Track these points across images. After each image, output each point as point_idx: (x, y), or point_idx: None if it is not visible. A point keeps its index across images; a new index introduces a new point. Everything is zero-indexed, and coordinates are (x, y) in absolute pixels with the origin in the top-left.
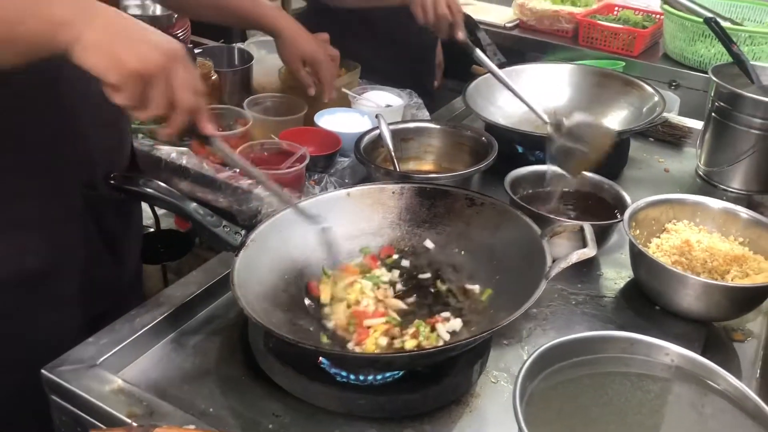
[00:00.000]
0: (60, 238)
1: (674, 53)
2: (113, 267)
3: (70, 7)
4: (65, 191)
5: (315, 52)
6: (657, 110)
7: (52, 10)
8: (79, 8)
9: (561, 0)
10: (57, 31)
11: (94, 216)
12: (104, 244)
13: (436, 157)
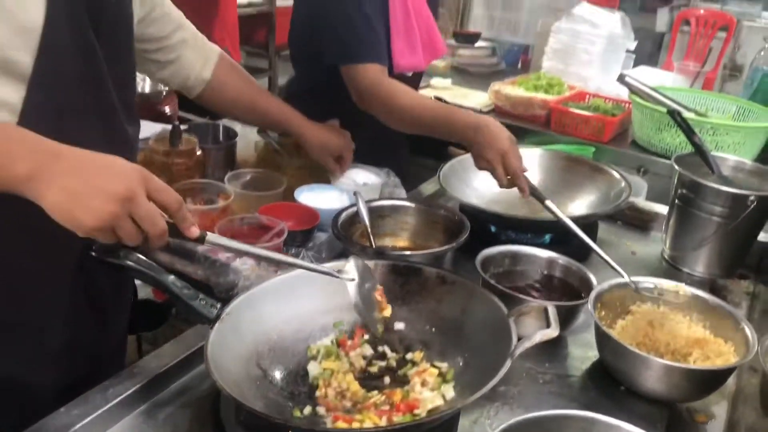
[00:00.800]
0: (48, 293)
1: (642, 141)
2: (98, 330)
3: (30, 163)
4: (59, 251)
5: (340, 146)
6: (623, 195)
7: (15, 166)
8: (39, 164)
9: (534, 87)
10: (20, 187)
11: (85, 277)
12: (92, 306)
13: (411, 234)
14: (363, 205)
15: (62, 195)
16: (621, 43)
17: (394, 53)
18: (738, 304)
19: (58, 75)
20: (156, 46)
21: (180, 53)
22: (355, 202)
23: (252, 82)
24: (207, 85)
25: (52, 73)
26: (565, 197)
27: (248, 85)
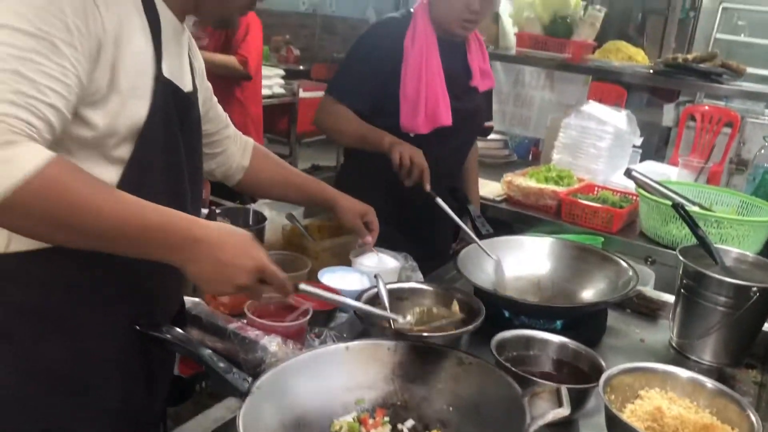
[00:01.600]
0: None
1: (649, 232)
2: (146, 396)
3: (180, 254)
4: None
5: (368, 209)
6: (631, 284)
7: (171, 256)
8: (186, 253)
9: (545, 179)
10: (170, 256)
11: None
12: (143, 372)
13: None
14: (383, 288)
15: (204, 274)
16: (628, 139)
17: (400, 113)
18: (746, 392)
19: (149, 163)
20: (207, 140)
21: (226, 146)
22: (376, 284)
23: (283, 163)
24: (245, 172)
25: (145, 161)
26: (575, 285)
27: (281, 167)
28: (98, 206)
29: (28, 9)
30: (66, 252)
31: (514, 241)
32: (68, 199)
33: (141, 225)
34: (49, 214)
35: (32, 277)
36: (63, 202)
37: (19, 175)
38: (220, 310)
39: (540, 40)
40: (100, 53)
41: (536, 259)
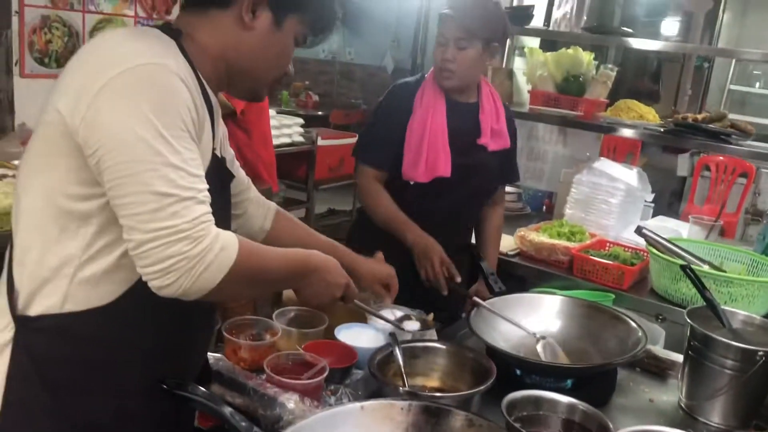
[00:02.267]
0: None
1: (660, 289)
2: None
3: (305, 271)
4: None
5: (388, 274)
6: (640, 345)
7: (300, 273)
8: (307, 270)
9: (558, 234)
10: (297, 283)
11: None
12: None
13: (442, 374)
14: (397, 346)
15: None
16: (639, 196)
17: (403, 165)
18: None
19: None
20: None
21: (246, 208)
22: (390, 342)
23: (306, 228)
24: (266, 235)
25: None
26: (585, 343)
27: (303, 231)
28: (271, 263)
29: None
30: (112, 312)
31: (526, 299)
32: (258, 264)
33: (293, 266)
34: (249, 278)
35: (81, 335)
36: (256, 268)
37: (231, 259)
38: (240, 365)
39: (553, 98)
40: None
41: (547, 317)
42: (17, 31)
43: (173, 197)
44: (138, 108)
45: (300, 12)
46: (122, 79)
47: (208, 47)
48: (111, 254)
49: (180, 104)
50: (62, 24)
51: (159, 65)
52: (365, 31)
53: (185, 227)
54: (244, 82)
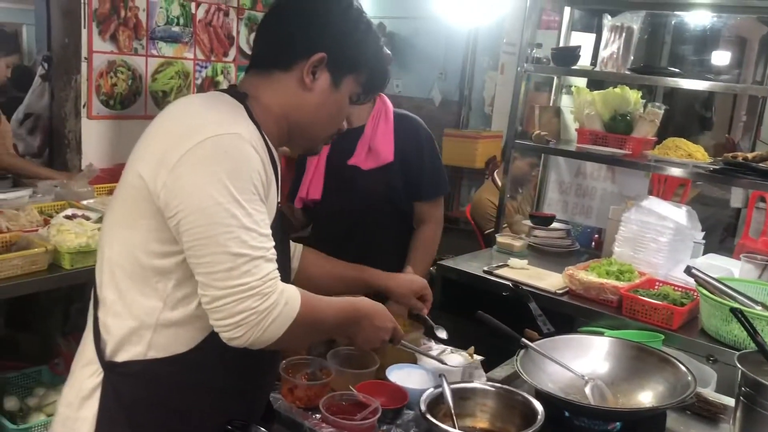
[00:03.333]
0: None
1: (710, 330)
2: None
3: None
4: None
5: (422, 285)
6: (689, 389)
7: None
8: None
9: (606, 273)
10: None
11: None
12: None
13: (491, 416)
14: (447, 388)
15: (365, 339)
16: (689, 234)
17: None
18: None
19: None
20: None
21: None
22: (440, 384)
23: (332, 260)
24: (296, 273)
25: None
26: (634, 386)
27: (330, 263)
28: (327, 313)
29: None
30: (191, 358)
31: (574, 340)
32: (316, 316)
33: (344, 315)
34: (308, 329)
35: (164, 380)
36: (314, 319)
37: (294, 311)
38: (296, 404)
39: (600, 136)
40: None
41: (595, 359)
42: (86, 76)
43: (245, 257)
44: (215, 175)
45: (356, 73)
46: (201, 149)
47: (271, 107)
48: (189, 305)
49: (252, 169)
50: (127, 68)
51: (233, 135)
52: (412, 64)
53: (256, 284)
54: (303, 138)
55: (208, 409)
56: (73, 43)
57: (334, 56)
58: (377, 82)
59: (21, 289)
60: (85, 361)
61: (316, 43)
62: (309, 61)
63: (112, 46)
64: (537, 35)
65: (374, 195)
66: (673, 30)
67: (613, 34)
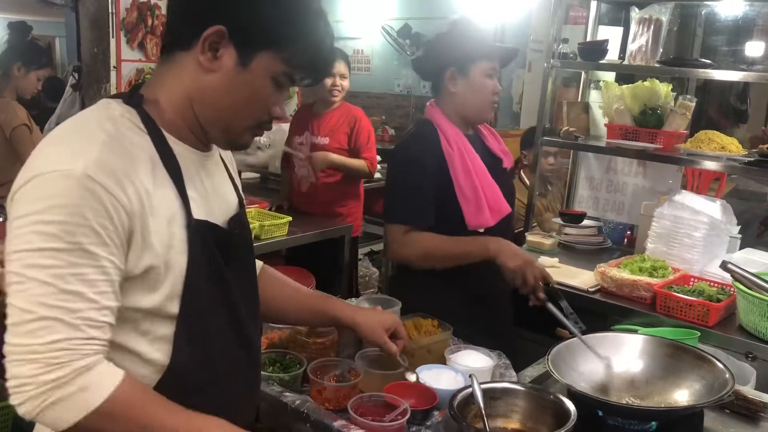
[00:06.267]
0: None
1: (748, 327)
2: None
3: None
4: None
5: (393, 322)
6: (727, 387)
7: None
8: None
9: (639, 270)
10: None
11: None
12: None
13: (522, 417)
14: (477, 388)
15: None
16: (724, 228)
17: (466, 216)
18: None
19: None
20: None
21: None
22: (470, 384)
23: (296, 286)
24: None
25: (194, 311)
26: (669, 384)
27: (289, 288)
28: (162, 422)
29: (52, 227)
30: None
31: (608, 338)
32: (136, 419)
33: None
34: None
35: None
36: (131, 423)
37: (95, 401)
38: (325, 406)
39: (630, 131)
40: (131, 237)
41: (630, 357)
42: (115, 84)
43: (32, 314)
44: (28, 218)
45: (272, 48)
46: (25, 189)
47: (173, 98)
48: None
49: (86, 212)
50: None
51: (62, 172)
52: None
53: (38, 349)
54: (216, 129)
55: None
56: (102, 53)
57: (236, 29)
58: (313, 59)
59: None
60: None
61: (211, 13)
62: (203, 36)
63: (140, 54)
64: (564, 31)
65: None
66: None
67: (641, 26)
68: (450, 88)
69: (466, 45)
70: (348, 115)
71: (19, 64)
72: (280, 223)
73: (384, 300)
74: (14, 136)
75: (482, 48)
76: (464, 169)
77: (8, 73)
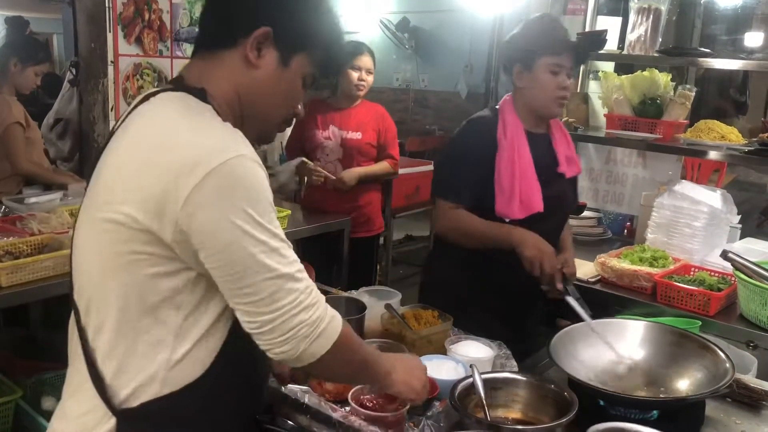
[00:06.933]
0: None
1: (750, 316)
2: None
3: (386, 374)
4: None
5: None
6: (727, 377)
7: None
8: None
9: (639, 260)
10: (382, 378)
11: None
12: None
13: (523, 406)
14: (479, 378)
15: (401, 386)
16: (724, 218)
17: (496, 204)
18: None
19: None
20: None
21: None
22: (471, 374)
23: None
24: None
25: None
26: (671, 372)
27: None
28: (363, 349)
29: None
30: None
31: (611, 325)
32: (353, 345)
33: (375, 360)
34: (347, 354)
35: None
36: (353, 346)
37: (338, 329)
38: (326, 397)
39: (630, 121)
40: None
41: (632, 344)
42: (113, 79)
43: (284, 277)
44: (235, 206)
45: (306, 51)
46: (211, 183)
47: (225, 92)
48: (199, 327)
49: (264, 188)
50: (152, 70)
51: (238, 158)
52: (438, 57)
53: (302, 298)
54: (254, 123)
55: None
56: (99, 48)
57: (280, 32)
58: (333, 62)
59: (53, 290)
60: (85, 407)
61: (259, 16)
62: (252, 36)
63: (138, 49)
64: (562, 21)
65: (570, 202)
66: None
67: (640, 16)
68: (517, 84)
69: (530, 41)
70: (374, 111)
71: (16, 59)
72: (279, 216)
73: (384, 291)
74: (5, 134)
75: (545, 43)
76: (509, 159)
77: (5, 69)
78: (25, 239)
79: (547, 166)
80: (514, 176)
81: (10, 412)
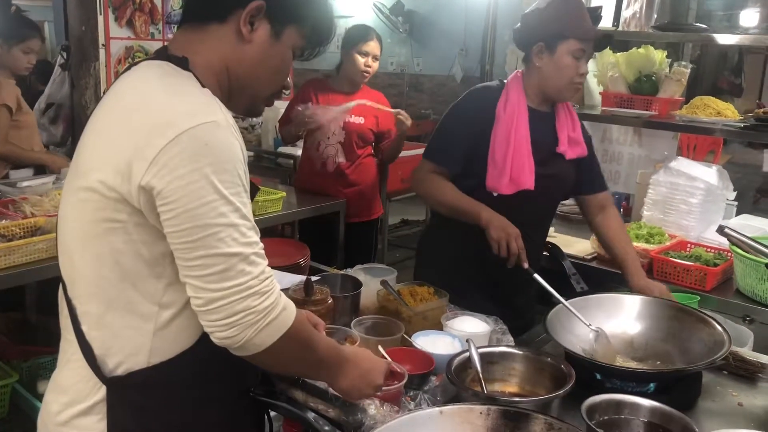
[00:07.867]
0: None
1: (746, 290)
2: None
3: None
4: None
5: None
6: (723, 349)
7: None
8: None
9: (636, 237)
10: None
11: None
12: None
13: (520, 380)
14: (475, 352)
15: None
16: (720, 194)
17: (487, 175)
18: None
19: None
20: None
21: None
22: (467, 348)
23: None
24: None
25: None
26: (669, 345)
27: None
28: (317, 341)
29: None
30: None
31: (608, 299)
32: (308, 335)
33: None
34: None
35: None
36: (305, 337)
37: (290, 319)
38: None
39: (625, 99)
40: None
41: (630, 318)
42: (104, 62)
43: (238, 256)
44: (199, 172)
45: (298, 23)
46: (179, 145)
47: (212, 64)
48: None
49: (235, 159)
50: (144, 53)
51: (210, 124)
52: (432, 41)
53: (253, 283)
54: (243, 96)
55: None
56: (90, 31)
57: (272, 4)
58: (322, 35)
59: (46, 272)
60: (76, 377)
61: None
62: (246, 10)
63: (129, 32)
64: None
65: (568, 183)
66: None
67: None
68: (535, 62)
69: (558, 22)
70: (376, 97)
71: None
72: (274, 198)
73: (380, 269)
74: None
75: (573, 27)
76: (504, 134)
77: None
78: (18, 222)
79: (545, 144)
80: (508, 152)
81: (6, 396)
